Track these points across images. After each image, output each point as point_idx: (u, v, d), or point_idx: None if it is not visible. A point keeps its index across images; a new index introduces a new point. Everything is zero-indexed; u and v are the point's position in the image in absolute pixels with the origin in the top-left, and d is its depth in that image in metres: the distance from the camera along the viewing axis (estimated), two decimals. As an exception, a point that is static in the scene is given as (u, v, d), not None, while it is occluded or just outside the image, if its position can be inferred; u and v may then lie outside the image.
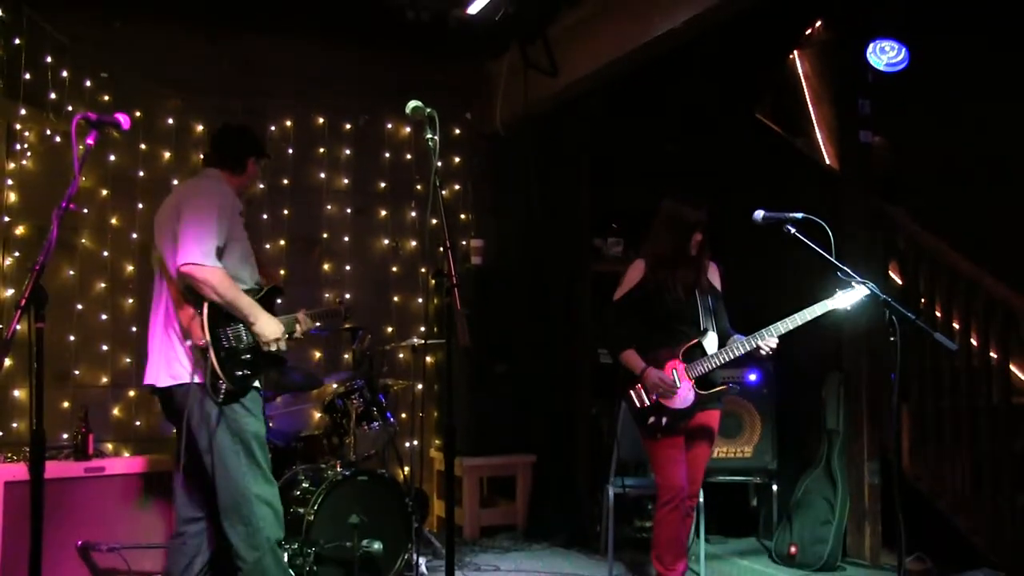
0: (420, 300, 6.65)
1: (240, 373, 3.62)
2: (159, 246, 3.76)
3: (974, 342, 4.98)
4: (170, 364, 3.67)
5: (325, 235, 6.41)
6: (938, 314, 5.17)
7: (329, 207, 6.43)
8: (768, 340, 4.03)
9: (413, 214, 6.69)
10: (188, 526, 3.79)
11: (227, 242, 3.66)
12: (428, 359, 6.53)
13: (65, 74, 5.63)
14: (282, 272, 6.08)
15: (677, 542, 4.20)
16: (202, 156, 3.95)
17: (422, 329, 6.51)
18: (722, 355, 4.13)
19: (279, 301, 3.94)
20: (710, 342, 4.21)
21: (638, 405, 4.22)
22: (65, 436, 5.16)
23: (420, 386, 6.28)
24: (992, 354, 4.85)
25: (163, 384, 3.68)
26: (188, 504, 3.80)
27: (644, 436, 4.29)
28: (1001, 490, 4.71)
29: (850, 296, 3.76)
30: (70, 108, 5.59)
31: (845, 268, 3.58)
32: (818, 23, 6.14)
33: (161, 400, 3.80)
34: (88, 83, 5.73)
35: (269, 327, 3.70)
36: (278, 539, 3.71)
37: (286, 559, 4.04)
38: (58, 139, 5.63)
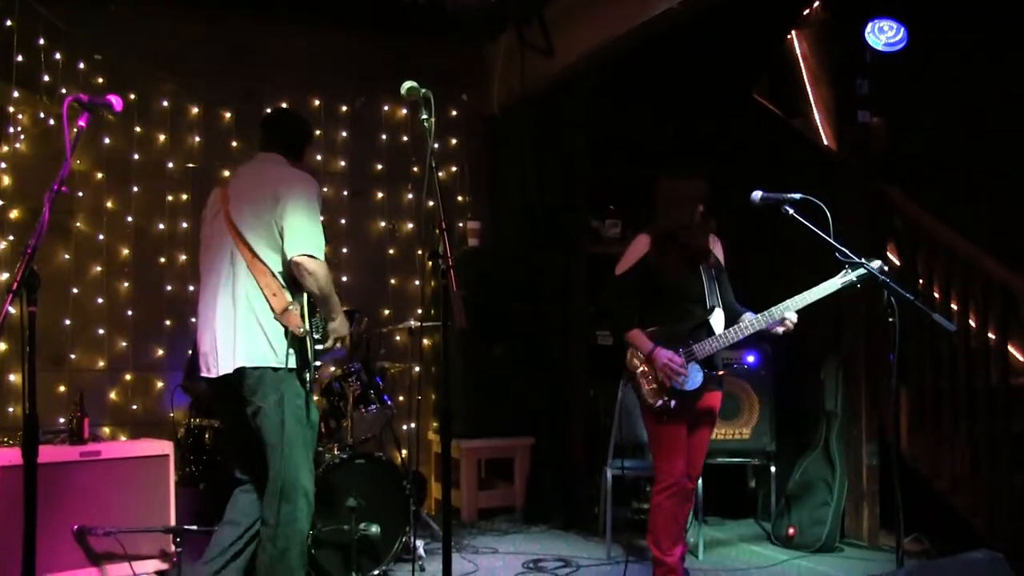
0: (417, 282, 6.63)
1: (318, 364, 3.73)
2: (244, 231, 3.69)
3: (972, 323, 4.97)
4: (253, 347, 3.61)
5: (322, 218, 6.35)
6: (936, 295, 5.16)
7: (325, 189, 6.39)
8: (788, 315, 3.86)
9: (410, 196, 6.66)
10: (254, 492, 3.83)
11: None
12: (425, 341, 6.52)
13: (58, 56, 5.59)
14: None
15: (675, 527, 4.09)
16: (263, 138, 3.90)
17: (419, 311, 6.50)
18: (731, 334, 3.95)
19: None
20: (716, 320, 4.06)
21: (645, 387, 4.04)
22: (61, 420, 5.15)
23: (417, 369, 6.28)
24: (991, 335, 4.84)
25: (250, 365, 3.59)
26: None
27: (649, 419, 4.12)
28: (999, 471, 4.71)
29: (860, 270, 3.63)
30: (64, 91, 5.54)
31: (843, 248, 3.56)
32: (816, 3, 6.09)
33: (219, 384, 3.70)
34: (82, 65, 5.69)
35: (344, 324, 3.88)
36: (307, 533, 3.72)
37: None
38: (52, 122, 5.60)
